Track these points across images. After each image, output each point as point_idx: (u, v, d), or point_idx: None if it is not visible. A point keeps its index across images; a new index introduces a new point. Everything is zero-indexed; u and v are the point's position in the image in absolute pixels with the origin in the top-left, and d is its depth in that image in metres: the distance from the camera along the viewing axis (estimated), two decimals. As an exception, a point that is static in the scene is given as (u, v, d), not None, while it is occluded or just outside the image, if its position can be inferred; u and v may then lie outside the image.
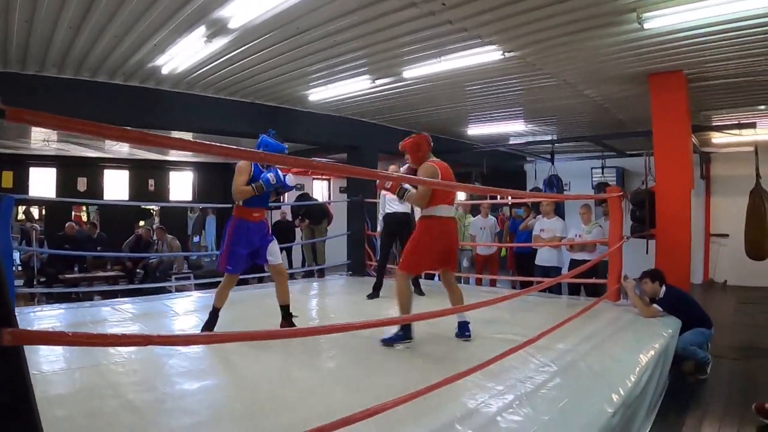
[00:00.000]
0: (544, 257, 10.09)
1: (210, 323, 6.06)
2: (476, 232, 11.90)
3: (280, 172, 5.96)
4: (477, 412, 3.78)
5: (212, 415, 3.92)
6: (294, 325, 6.12)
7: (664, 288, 7.29)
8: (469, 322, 5.93)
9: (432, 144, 6.01)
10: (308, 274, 12.73)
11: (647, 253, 8.78)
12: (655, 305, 7.16)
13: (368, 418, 3.03)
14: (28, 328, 1.95)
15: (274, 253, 6.15)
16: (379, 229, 8.98)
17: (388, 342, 5.61)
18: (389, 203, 8.84)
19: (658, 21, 6.49)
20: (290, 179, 6.11)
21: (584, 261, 8.71)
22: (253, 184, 5.80)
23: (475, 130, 14.80)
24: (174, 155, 18.43)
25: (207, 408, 4.08)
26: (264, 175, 5.86)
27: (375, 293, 8.78)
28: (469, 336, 5.86)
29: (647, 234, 8.87)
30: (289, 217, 15.88)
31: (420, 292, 8.57)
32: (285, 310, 6.20)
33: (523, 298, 7.14)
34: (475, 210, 12.77)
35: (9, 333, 1.78)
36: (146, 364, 5.06)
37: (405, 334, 5.65)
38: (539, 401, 4.00)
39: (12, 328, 1.82)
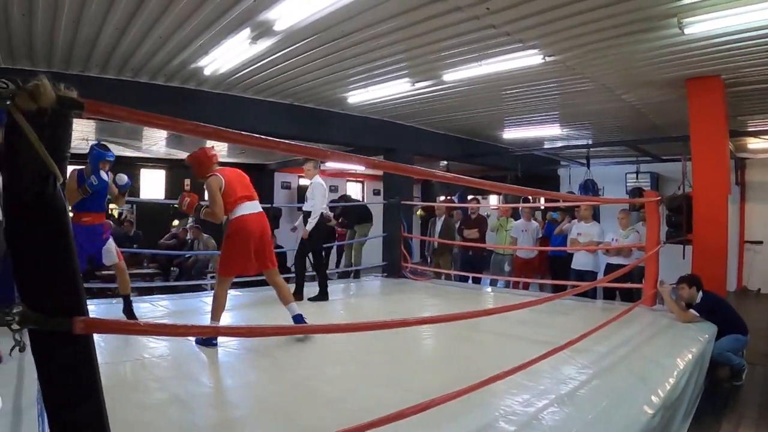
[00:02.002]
0: (580, 261, 10.04)
1: None
2: (517, 234, 11.80)
3: (102, 174, 6.36)
4: (520, 411, 3.82)
5: (257, 409, 4.01)
6: (133, 313, 6.77)
7: (701, 293, 7.26)
8: (301, 314, 6.03)
9: (215, 158, 6.13)
10: (344, 275, 12.78)
11: (684, 258, 8.73)
12: (691, 310, 7.14)
13: (415, 415, 3.09)
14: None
15: (109, 253, 6.60)
16: (309, 228, 8.44)
17: (203, 343, 5.55)
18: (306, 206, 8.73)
19: (698, 26, 6.47)
20: (120, 178, 6.73)
21: (620, 265, 8.65)
22: (79, 187, 6.23)
23: (510, 134, 14.75)
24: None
25: (252, 402, 4.18)
26: (88, 179, 6.26)
27: (299, 296, 8.39)
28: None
29: (684, 239, 8.81)
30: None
31: (324, 297, 8.54)
32: (127, 298, 6.74)
33: (558, 301, 7.17)
34: (517, 214, 12.66)
35: (82, 321, 1.87)
36: (190, 359, 5.17)
37: (209, 340, 5.56)
38: (581, 401, 4.04)
39: (84, 316, 1.90)
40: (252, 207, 5.93)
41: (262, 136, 2.53)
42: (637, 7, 6.17)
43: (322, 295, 8.52)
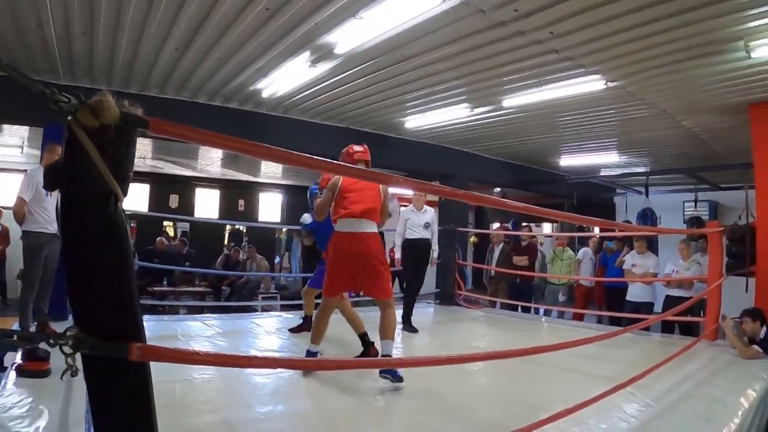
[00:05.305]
0: (636, 293, 9.73)
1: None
2: (585, 262, 11.92)
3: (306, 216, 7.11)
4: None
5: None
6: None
7: (765, 328, 7.00)
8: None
9: (357, 155, 5.55)
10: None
11: (746, 291, 8.47)
12: (755, 346, 6.87)
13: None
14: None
15: None
16: (398, 256, 8.55)
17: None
18: (411, 229, 8.43)
19: (765, 50, 6.36)
20: (304, 218, 7.21)
21: (680, 297, 8.46)
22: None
23: (567, 161, 14.69)
24: (264, 177, 18.72)
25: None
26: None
27: (408, 325, 8.19)
28: (393, 378, 4.93)
29: (747, 272, 8.55)
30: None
31: (411, 329, 8.10)
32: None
33: (614, 334, 7.00)
34: (573, 243, 12.52)
35: (138, 348, 1.79)
36: (240, 381, 5.10)
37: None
38: (645, 442, 3.88)
39: (141, 343, 1.83)
40: (355, 225, 5.22)
41: (335, 162, 2.46)
42: (703, 30, 6.06)
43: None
